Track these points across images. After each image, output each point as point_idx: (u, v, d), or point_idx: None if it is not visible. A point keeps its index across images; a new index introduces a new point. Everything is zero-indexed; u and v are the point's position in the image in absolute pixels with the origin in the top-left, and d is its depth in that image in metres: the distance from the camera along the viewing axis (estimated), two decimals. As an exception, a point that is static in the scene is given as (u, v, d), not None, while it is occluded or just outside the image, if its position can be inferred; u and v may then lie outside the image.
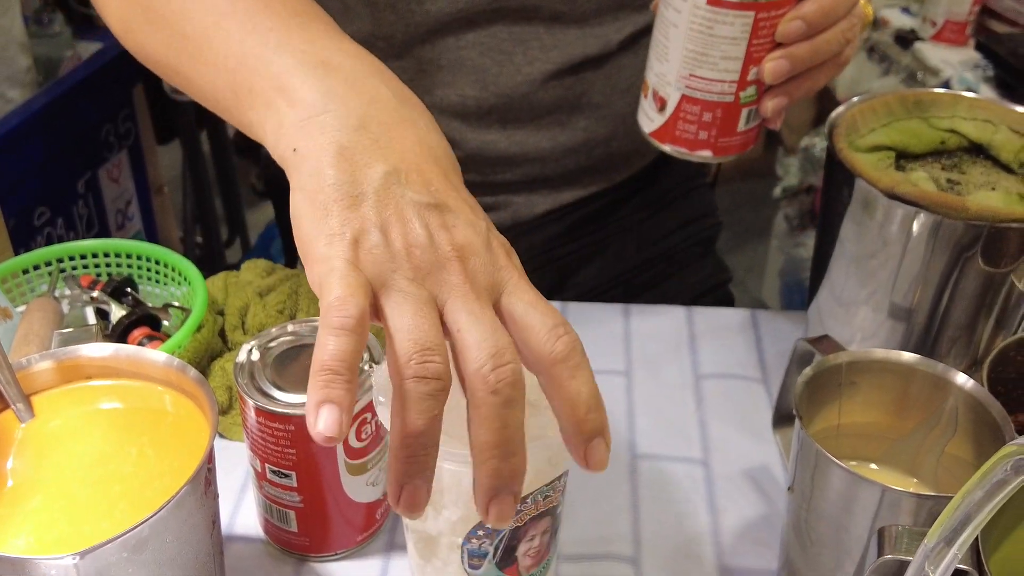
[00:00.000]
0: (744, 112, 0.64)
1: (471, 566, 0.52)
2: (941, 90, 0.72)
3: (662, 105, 0.65)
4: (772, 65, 0.61)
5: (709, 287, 0.99)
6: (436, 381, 0.40)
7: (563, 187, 0.89)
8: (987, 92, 1.67)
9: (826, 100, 2.18)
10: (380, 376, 0.52)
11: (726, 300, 1.01)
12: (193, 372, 0.52)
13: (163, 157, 2.19)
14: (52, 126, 1.68)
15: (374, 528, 0.63)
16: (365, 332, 0.41)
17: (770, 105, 0.64)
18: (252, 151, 2.46)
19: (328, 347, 0.40)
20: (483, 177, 0.87)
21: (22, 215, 1.65)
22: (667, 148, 0.66)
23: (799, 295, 2.13)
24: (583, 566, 0.62)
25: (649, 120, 0.67)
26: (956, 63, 1.74)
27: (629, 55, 0.86)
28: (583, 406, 0.42)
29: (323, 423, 0.39)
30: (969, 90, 1.03)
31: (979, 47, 1.74)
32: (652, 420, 0.74)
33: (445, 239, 0.43)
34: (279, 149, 0.47)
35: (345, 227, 0.42)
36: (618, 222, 0.94)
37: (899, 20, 1.89)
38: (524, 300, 0.44)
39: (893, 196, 0.62)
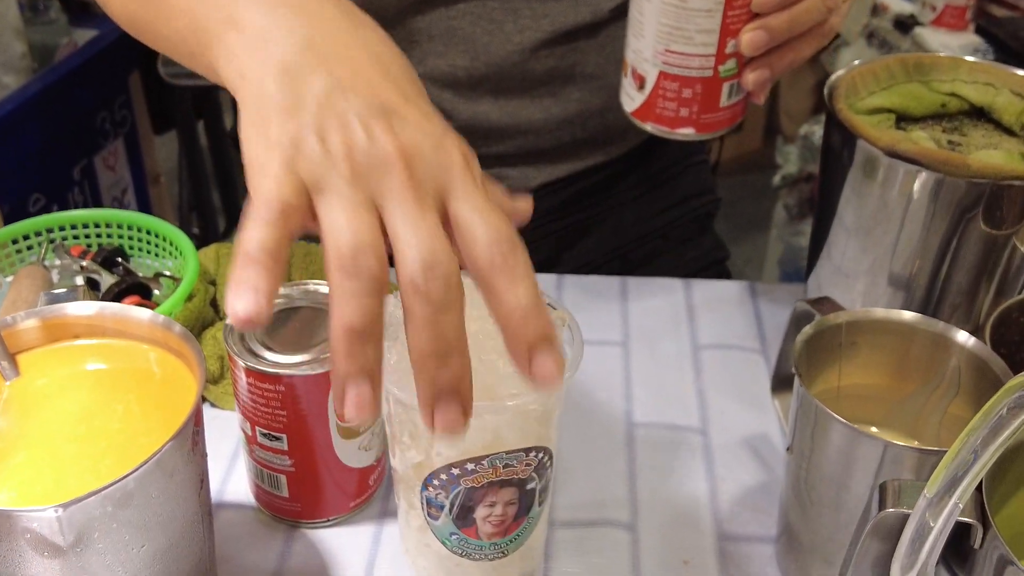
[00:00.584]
0: (725, 86, 0.62)
1: (430, 515, 0.52)
2: (942, 54, 0.71)
3: (641, 83, 0.64)
4: (749, 37, 0.60)
5: (706, 264, 0.98)
6: (369, 280, 0.39)
7: (558, 160, 0.88)
8: (979, 60, 1.66)
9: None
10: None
11: (723, 277, 1.00)
12: (178, 328, 0.51)
13: (160, 149, 2.18)
14: (47, 113, 1.68)
15: (367, 494, 0.62)
16: (289, 225, 0.40)
17: (751, 78, 0.62)
18: None
19: (248, 236, 0.39)
20: (476, 149, 0.86)
21: (17, 201, 1.64)
22: (649, 127, 0.65)
23: (799, 283, 2.13)
24: (578, 532, 0.61)
25: (630, 99, 0.65)
26: (956, 47, 1.73)
27: (622, 24, 0.85)
28: (519, 312, 0.40)
29: (241, 304, 0.38)
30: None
31: (979, 31, 1.74)
32: (650, 390, 0.73)
33: (388, 141, 0.41)
34: (229, 78, 0.46)
35: (283, 135, 0.41)
36: (615, 197, 0.93)
37: (899, 5, 1.88)
38: (471, 206, 0.42)
39: (893, 154, 0.61)
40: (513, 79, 0.82)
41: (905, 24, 1.82)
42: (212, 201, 2.23)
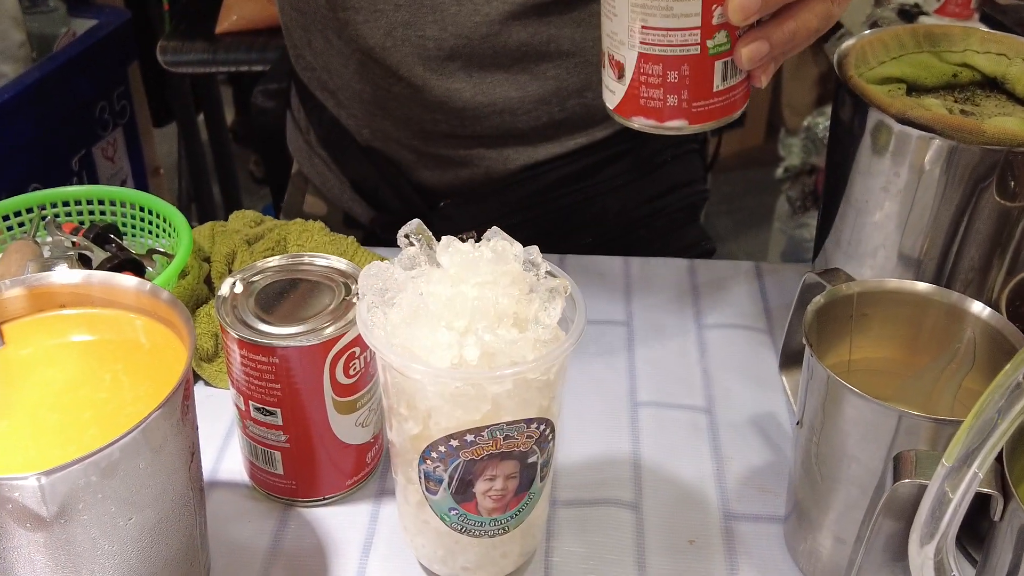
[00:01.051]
0: (717, 65, 0.53)
1: (428, 490, 0.50)
2: (953, 23, 0.70)
3: (620, 71, 0.55)
4: (736, 2, 0.51)
5: (692, 256, 0.95)
6: None
7: (538, 142, 0.86)
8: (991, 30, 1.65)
9: (829, 81, 2.15)
10: (367, 300, 0.49)
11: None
12: (166, 295, 0.49)
13: (160, 144, 2.17)
14: (46, 102, 1.66)
15: (364, 472, 0.60)
16: None
17: (745, 53, 0.53)
18: (250, 138, 2.44)
19: None
20: (452, 129, 0.84)
21: (15, 190, 1.62)
22: (635, 123, 0.56)
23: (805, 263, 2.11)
24: (582, 511, 0.59)
25: (611, 93, 0.56)
26: (962, 37, 1.71)
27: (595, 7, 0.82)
28: None
29: None
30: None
31: (984, 19, 1.71)
32: (654, 369, 0.71)
33: None
34: None
35: None
36: (601, 184, 0.91)
37: (902, -7, 1.87)
38: None
39: (905, 121, 0.59)
40: (484, 54, 0.80)
41: (909, 13, 1.80)
42: (212, 194, 2.22)
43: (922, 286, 0.55)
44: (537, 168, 0.87)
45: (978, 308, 0.54)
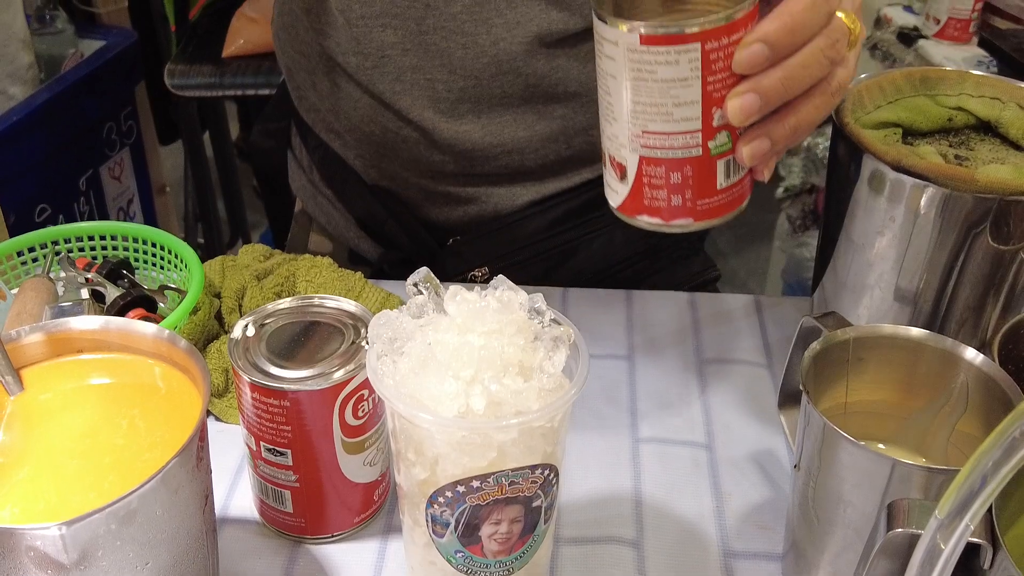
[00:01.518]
0: (720, 164, 0.52)
1: (435, 533, 0.51)
2: (948, 67, 0.71)
3: (622, 173, 0.54)
4: (736, 103, 0.50)
5: (697, 284, 0.97)
6: None
7: (546, 178, 0.88)
8: (985, 73, 1.66)
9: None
10: (376, 348, 0.51)
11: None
12: (183, 343, 0.51)
13: (166, 159, 2.19)
14: (53, 123, 1.68)
15: (372, 510, 0.62)
16: None
17: (746, 151, 0.52)
18: (255, 153, 2.46)
19: None
20: (461, 169, 0.86)
21: (23, 211, 1.64)
22: (640, 222, 0.55)
23: (802, 295, 2.12)
24: (584, 548, 0.61)
25: (614, 192, 0.56)
26: (960, 60, 1.73)
27: None
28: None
29: None
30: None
31: (983, 43, 1.73)
32: (655, 404, 0.72)
33: None
34: None
35: None
36: (605, 216, 0.92)
37: (902, 18, 1.89)
38: None
39: (900, 169, 0.61)
40: (494, 95, 0.81)
41: (908, 36, 1.82)
42: (217, 211, 2.23)
43: (916, 332, 0.57)
44: (544, 203, 0.89)
45: (971, 355, 0.55)
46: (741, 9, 0.49)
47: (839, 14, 0.52)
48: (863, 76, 0.70)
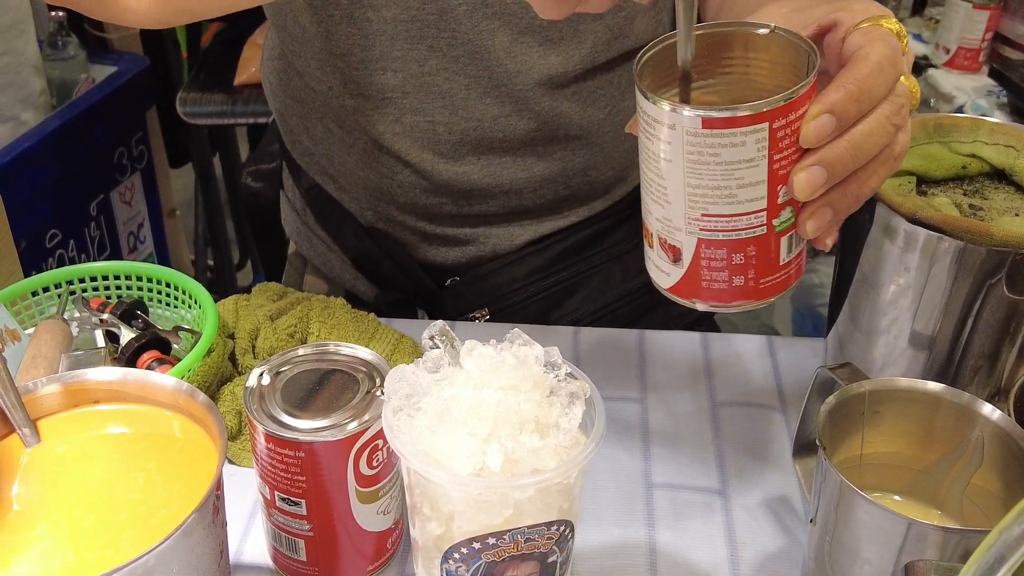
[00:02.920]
0: (783, 241, 0.50)
1: None
2: (962, 115, 0.71)
3: (676, 255, 0.51)
4: (803, 177, 0.48)
5: (696, 318, 0.96)
6: None
7: (543, 217, 0.88)
8: (1002, 119, 1.66)
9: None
10: (392, 404, 0.51)
11: (714, 331, 0.98)
12: (202, 397, 0.51)
13: (175, 180, 2.20)
14: (65, 148, 1.69)
15: (385, 558, 0.62)
16: None
17: (810, 225, 0.50)
18: (246, 196, 2.46)
19: None
20: (459, 210, 0.86)
21: (34, 237, 1.65)
22: (697, 305, 0.52)
23: (811, 321, 2.12)
24: (598, 598, 0.61)
25: (664, 273, 0.53)
26: (970, 89, 1.73)
27: (602, 80, 0.84)
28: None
29: None
30: (984, 116, 1.02)
31: (993, 73, 1.73)
32: (668, 448, 0.72)
33: None
34: None
35: None
36: (603, 252, 0.92)
37: (911, 47, 1.89)
38: None
39: (915, 221, 0.61)
40: (495, 137, 0.81)
41: (918, 66, 1.82)
42: (226, 233, 2.24)
43: (933, 386, 0.57)
44: (542, 242, 0.89)
45: (988, 410, 0.55)
46: (806, 84, 0.47)
47: (903, 79, 0.51)
48: (877, 123, 0.70)
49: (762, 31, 0.51)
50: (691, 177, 0.48)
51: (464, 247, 0.88)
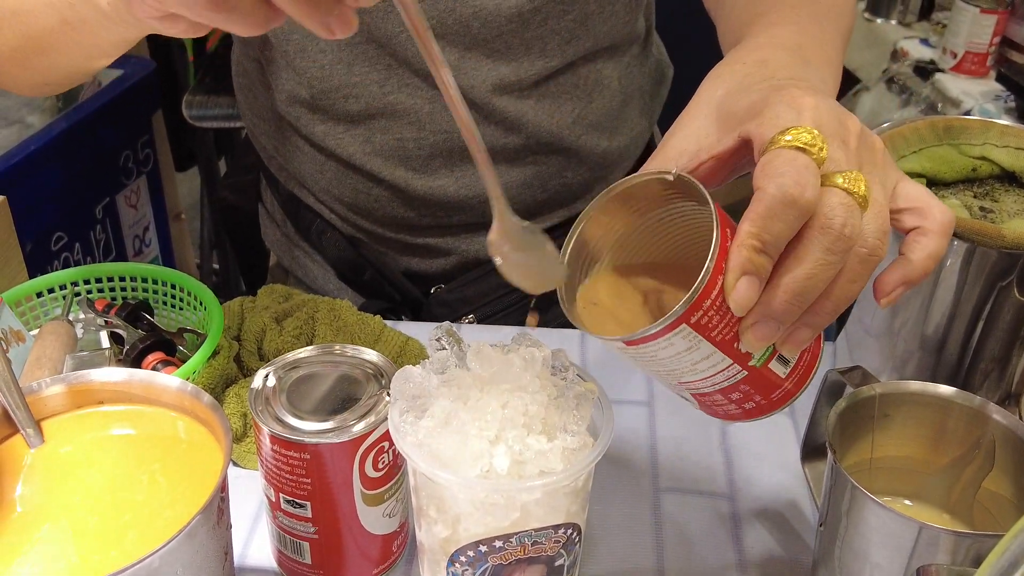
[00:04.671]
0: (772, 365, 0.47)
1: None
2: (972, 117, 0.71)
3: (684, 397, 0.52)
4: (750, 337, 0.44)
5: None
6: None
7: (524, 220, 0.88)
8: (1009, 123, 1.66)
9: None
10: (398, 405, 0.50)
11: None
12: (207, 398, 0.51)
13: (181, 184, 2.20)
14: (71, 151, 1.69)
15: (390, 561, 0.61)
16: None
17: (787, 349, 0.46)
18: (223, 208, 2.46)
19: None
20: (437, 221, 0.86)
21: (39, 239, 1.65)
22: (729, 423, 0.54)
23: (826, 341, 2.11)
24: (605, 603, 0.60)
25: (685, 400, 0.52)
26: (977, 94, 1.72)
27: (564, 85, 0.84)
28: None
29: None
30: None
31: (1000, 78, 1.73)
32: (676, 453, 0.72)
33: None
34: None
35: None
36: None
37: (918, 51, 1.88)
38: None
39: (926, 223, 0.60)
40: (465, 149, 0.81)
41: (925, 70, 1.81)
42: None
43: (944, 389, 0.56)
44: None
45: (999, 414, 0.54)
46: (707, 271, 0.43)
47: (837, 180, 0.43)
48: (886, 124, 0.69)
49: (668, 177, 0.47)
50: (646, 368, 0.48)
51: (447, 257, 0.88)
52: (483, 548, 0.49)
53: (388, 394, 0.57)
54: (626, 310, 0.50)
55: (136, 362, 0.70)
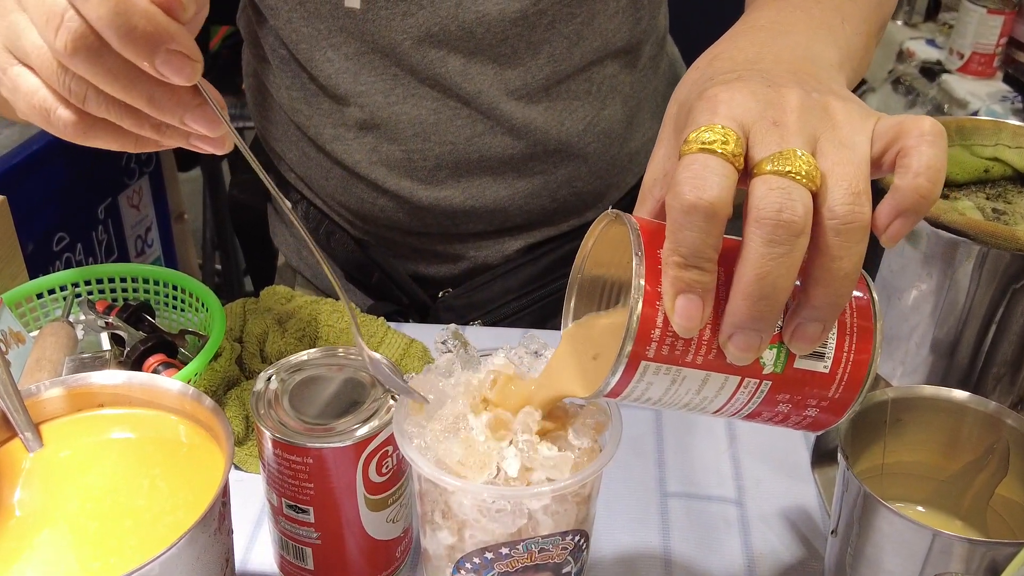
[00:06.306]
0: (800, 364, 0.42)
1: None
2: (983, 118, 0.70)
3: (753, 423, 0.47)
4: (732, 349, 0.40)
5: None
6: None
7: (534, 228, 0.87)
8: (1021, 124, 1.65)
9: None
10: (403, 409, 0.49)
11: None
12: (208, 401, 0.50)
13: (184, 185, 2.19)
14: (73, 152, 1.68)
15: (394, 567, 0.60)
16: None
17: (801, 345, 0.41)
18: (234, 208, 2.46)
19: None
20: (444, 229, 0.85)
21: (41, 240, 1.64)
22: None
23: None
24: (612, 610, 0.59)
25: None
26: (984, 95, 1.72)
27: (566, 93, 0.83)
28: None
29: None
30: (1004, 120, 1.00)
31: (1007, 79, 1.72)
32: (683, 457, 0.71)
33: None
34: None
35: None
36: None
37: (925, 52, 1.88)
38: None
39: (938, 225, 0.59)
40: (471, 158, 0.80)
41: (931, 71, 1.81)
42: (234, 237, 2.23)
43: (958, 394, 0.55)
44: (534, 251, 0.88)
45: (1014, 419, 0.54)
46: (635, 302, 0.40)
47: (764, 166, 0.39)
48: (897, 125, 0.68)
49: (606, 221, 0.45)
50: (671, 410, 0.44)
51: (455, 262, 0.87)
52: (489, 555, 0.48)
53: (392, 397, 0.56)
54: (591, 365, 0.46)
55: (137, 364, 0.69)
